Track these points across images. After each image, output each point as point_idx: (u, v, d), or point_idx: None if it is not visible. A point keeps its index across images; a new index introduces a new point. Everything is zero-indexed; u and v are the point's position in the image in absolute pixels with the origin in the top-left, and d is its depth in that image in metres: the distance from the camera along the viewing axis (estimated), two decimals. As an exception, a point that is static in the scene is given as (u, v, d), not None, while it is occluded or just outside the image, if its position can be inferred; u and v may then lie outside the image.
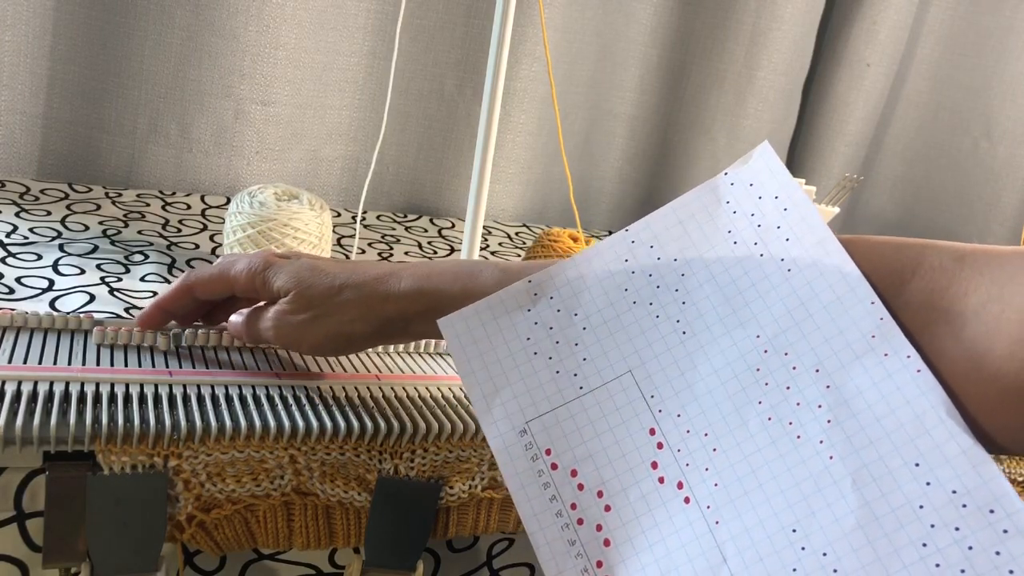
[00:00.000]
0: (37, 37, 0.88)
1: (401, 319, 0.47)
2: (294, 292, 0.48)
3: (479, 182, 0.63)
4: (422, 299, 0.46)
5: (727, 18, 1.15)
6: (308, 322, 0.47)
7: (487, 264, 0.46)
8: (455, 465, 0.49)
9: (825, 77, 1.25)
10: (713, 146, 1.19)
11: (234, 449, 0.44)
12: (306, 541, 0.48)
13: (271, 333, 0.49)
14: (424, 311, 0.46)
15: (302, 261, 0.49)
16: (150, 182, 0.94)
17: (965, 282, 0.36)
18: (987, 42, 1.26)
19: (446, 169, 1.08)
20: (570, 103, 1.11)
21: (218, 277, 0.51)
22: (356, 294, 0.47)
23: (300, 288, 0.48)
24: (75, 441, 0.42)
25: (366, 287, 0.47)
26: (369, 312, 0.47)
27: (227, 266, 0.51)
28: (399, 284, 0.46)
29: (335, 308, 0.47)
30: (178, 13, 0.89)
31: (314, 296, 0.47)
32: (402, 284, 0.46)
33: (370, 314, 0.47)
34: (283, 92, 0.95)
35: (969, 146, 1.30)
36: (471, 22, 1.03)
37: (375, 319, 0.47)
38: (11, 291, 0.61)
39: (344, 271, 0.48)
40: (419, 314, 0.46)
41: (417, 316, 0.46)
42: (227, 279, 0.50)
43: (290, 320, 0.48)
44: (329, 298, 0.47)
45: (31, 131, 0.90)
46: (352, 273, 0.48)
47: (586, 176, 1.19)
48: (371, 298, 0.47)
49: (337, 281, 0.47)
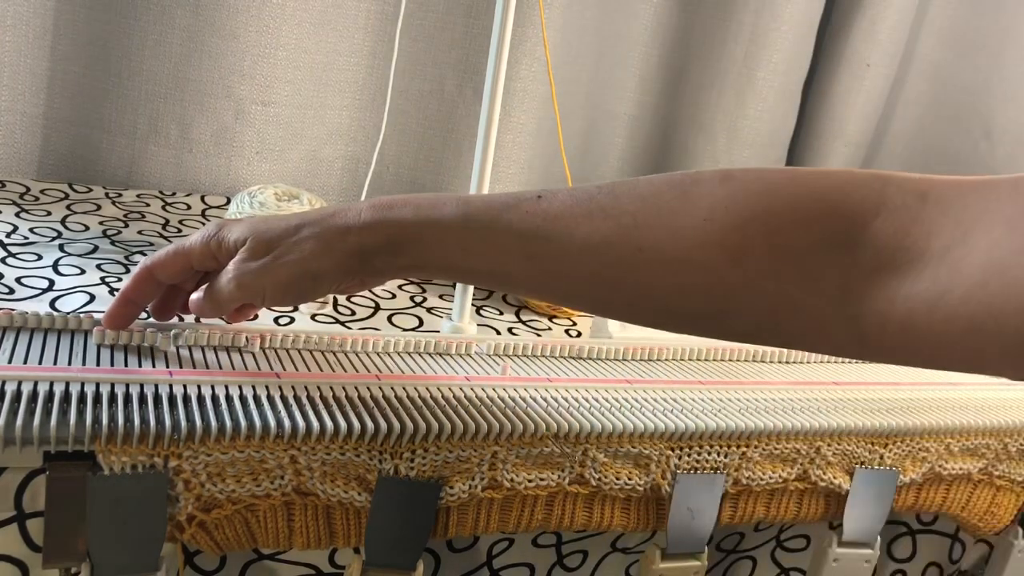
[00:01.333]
0: (37, 37, 0.88)
1: (361, 252, 0.46)
2: (251, 239, 0.47)
3: (479, 182, 0.63)
4: (382, 229, 0.45)
5: (727, 18, 1.14)
6: (268, 265, 0.47)
7: (448, 197, 0.45)
8: (455, 465, 0.49)
9: (825, 77, 1.25)
10: (713, 146, 1.19)
11: (234, 449, 0.44)
12: (306, 541, 0.48)
13: (232, 285, 0.48)
14: (384, 243, 0.45)
15: (255, 218, 0.49)
16: (150, 182, 0.94)
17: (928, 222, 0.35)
18: (987, 42, 1.26)
19: (446, 169, 1.08)
20: (570, 103, 1.11)
21: (174, 253, 0.50)
22: (314, 230, 0.46)
23: (256, 234, 0.47)
24: (75, 441, 0.42)
25: (323, 222, 0.46)
26: (328, 246, 0.46)
27: (181, 241, 0.50)
28: (358, 216, 0.46)
29: (294, 246, 0.46)
30: (178, 13, 0.89)
31: (272, 238, 0.47)
32: (361, 216, 0.46)
33: (329, 248, 0.46)
34: (283, 92, 0.95)
35: (969, 146, 1.30)
36: (471, 22, 1.03)
37: (336, 252, 0.46)
38: (11, 291, 0.61)
39: (299, 215, 0.48)
40: (380, 246, 0.46)
41: (378, 248, 0.46)
42: (183, 252, 0.50)
43: (250, 267, 0.47)
44: (287, 237, 0.47)
45: (31, 131, 0.90)
46: (307, 214, 0.47)
47: (586, 176, 1.19)
48: (329, 231, 0.46)
49: (294, 221, 0.47)
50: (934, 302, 0.34)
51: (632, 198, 0.42)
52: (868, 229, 0.37)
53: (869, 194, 0.37)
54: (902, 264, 0.35)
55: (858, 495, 0.60)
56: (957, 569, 0.75)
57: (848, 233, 0.37)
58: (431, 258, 0.46)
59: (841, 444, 0.59)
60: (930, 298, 0.34)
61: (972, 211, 0.35)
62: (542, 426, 0.51)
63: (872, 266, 0.36)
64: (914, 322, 0.34)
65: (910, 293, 0.35)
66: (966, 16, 1.26)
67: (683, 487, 0.55)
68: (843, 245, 0.37)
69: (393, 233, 0.45)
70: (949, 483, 0.65)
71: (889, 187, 0.37)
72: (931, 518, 0.72)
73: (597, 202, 0.43)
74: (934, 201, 0.36)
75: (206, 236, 0.49)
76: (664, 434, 0.54)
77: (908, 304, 0.35)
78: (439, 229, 0.44)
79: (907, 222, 0.36)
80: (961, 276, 0.33)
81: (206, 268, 0.51)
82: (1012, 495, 0.67)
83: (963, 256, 0.34)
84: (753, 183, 0.40)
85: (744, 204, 0.40)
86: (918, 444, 0.61)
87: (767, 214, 0.39)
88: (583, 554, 0.61)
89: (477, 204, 0.45)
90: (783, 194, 0.39)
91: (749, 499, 0.58)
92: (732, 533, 0.66)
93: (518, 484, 0.51)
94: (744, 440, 0.56)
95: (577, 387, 0.57)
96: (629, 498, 0.55)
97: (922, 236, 0.35)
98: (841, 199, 0.38)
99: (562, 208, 0.43)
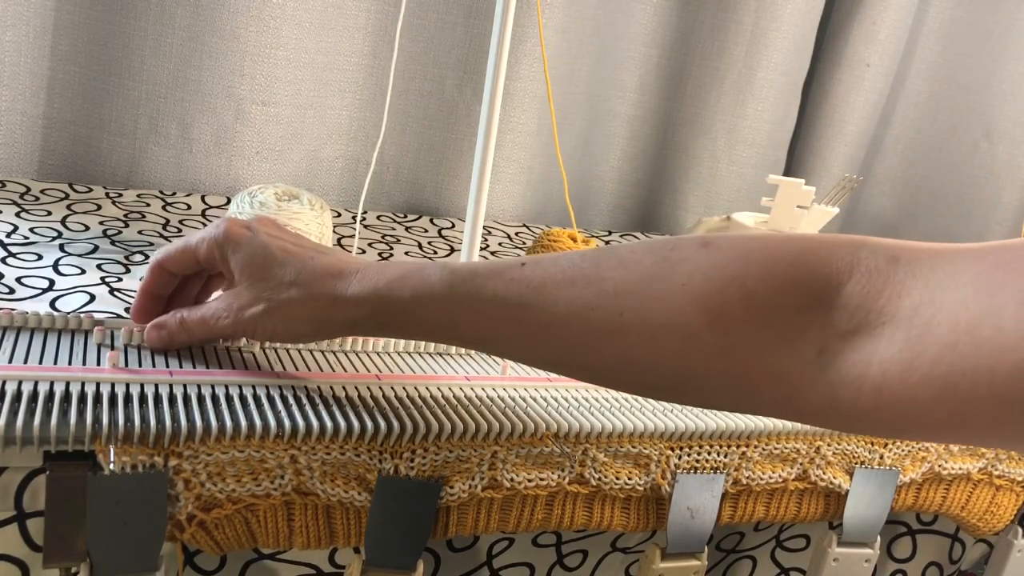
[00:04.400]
0: (37, 37, 0.88)
1: (347, 322, 0.48)
2: (246, 283, 0.49)
3: (479, 182, 0.63)
4: (371, 304, 0.46)
5: (727, 18, 1.15)
6: (257, 317, 0.48)
7: (435, 267, 0.46)
8: (455, 465, 0.49)
9: (825, 77, 1.25)
10: (713, 146, 1.19)
11: (234, 449, 0.45)
12: (306, 541, 0.48)
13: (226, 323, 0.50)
14: (371, 315, 0.47)
15: (258, 241, 0.49)
16: (150, 182, 0.94)
17: (899, 284, 0.36)
18: (987, 42, 1.26)
19: (446, 169, 1.08)
20: (570, 103, 1.11)
21: (183, 249, 0.51)
22: (303, 294, 0.47)
23: (252, 280, 0.48)
24: (75, 441, 0.42)
25: (313, 286, 0.47)
26: (314, 314, 0.48)
27: (190, 237, 0.51)
28: (346, 288, 0.47)
29: (282, 305, 0.48)
30: (178, 13, 0.89)
31: (263, 290, 0.48)
32: (350, 289, 0.47)
33: (316, 316, 0.48)
34: (283, 92, 0.95)
35: (969, 146, 1.30)
36: (471, 22, 1.03)
37: (320, 322, 0.48)
38: (11, 291, 0.61)
39: (295, 262, 0.48)
40: (366, 317, 0.47)
41: (365, 319, 0.47)
42: (190, 250, 0.51)
43: (243, 314, 0.49)
44: (277, 292, 0.48)
45: (31, 131, 0.90)
46: (304, 267, 0.48)
47: (586, 176, 1.19)
48: (318, 299, 0.47)
49: (287, 276, 0.48)
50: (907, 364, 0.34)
51: (612, 265, 0.43)
52: (842, 291, 0.37)
53: (844, 256, 0.38)
54: (875, 326, 0.35)
55: (858, 495, 0.60)
56: (957, 569, 0.75)
57: (823, 295, 0.37)
58: (418, 327, 0.48)
59: (841, 444, 0.59)
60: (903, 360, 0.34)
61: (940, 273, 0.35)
62: (542, 426, 0.51)
63: (847, 328, 0.36)
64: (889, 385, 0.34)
65: (884, 356, 0.35)
66: (966, 16, 1.26)
67: (683, 487, 0.55)
68: (818, 307, 0.37)
69: (380, 308, 0.46)
70: (949, 483, 0.65)
71: (862, 251, 0.38)
72: (931, 518, 0.72)
73: (579, 269, 0.44)
74: (905, 263, 0.36)
75: (212, 240, 0.50)
76: (664, 434, 0.54)
77: (883, 367, 0.35)
78: (426, 302, 0.46)
79: (879, 284, 0.36)
80: (932, 337, 0.33)
81: (212, 271, 0.53)
82: (1012, 495, 0.67)
83: (932, 316, 0.34)
84: (730, 249, 0.41)
85: (722, 269, 0.40)
86: (918, 444, 0.62)
87: (744, 277, 0.39)
88: (583, 554, 0.61)
89: (463, 274, 0.45)
90: (759, 257, 0.40)
91: (749, 499, 0.58)
92: (732, 533, 0.66)
93: (518, 484, 0.51)
94: (744, 440, 0.56)
95: (577, 387, 0.57)
96: (629, 498, 0.55)
97: (894, 297, 0.35)
98: (816, 262, 0.38)
99: (545, 276, 0.44)
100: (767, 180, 0.85)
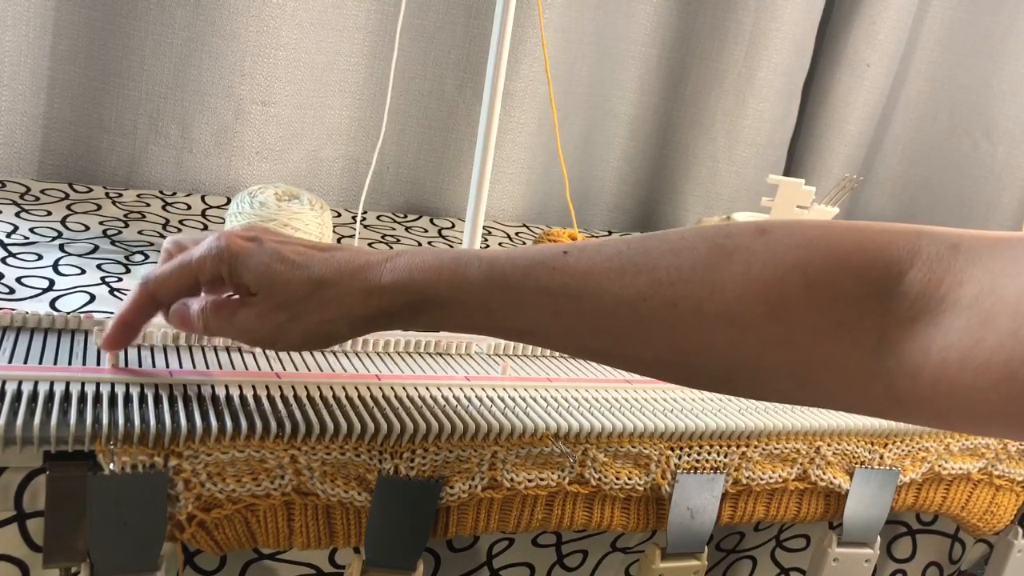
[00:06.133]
0: (37, 37, 0.88)
1: (381, 315, 0.45)
2: (266, 292, 0.44)
3: (479, 182, 0.63)
4: (403, 294, 0.44)
5: (727, 18, 1.15)
6: (284, 326, 0.44)
7: (471, 256, 0.44)
8: (455, 465, 0.49)
9: (825, 77, 1.25)
10: (713, 146, 1.19)
11: (234, 449, 0.45)
12: (306, 541, 0.48)
13: (245, 339, 0.46)
14: (406, 306, 0.44)
15: (269, 249, 0.45)
16: (150, 182, 0.94)
17: (959, 272, 0.35)
18: (987, 42, 1.26)
19: (446, 169, 1.08)
20: (570, 103, 1.11)
21: (179, 272, 0.46)
22: (336, 292, 0.44)
23: (272, 289, 0.44)
24: (75, 441, 0.42)
25: (344, 283, 0.44)
26: (349, 311, 0.44)
27: (186, 258, 0.46)
28: (379, 278, 0.44)
29: (313, 308, 0.44)
30: (178, 13, 0.89)
31: (287, 299, 0.44)
32: (383, 279, 0.44)
33: (349, 312, 0.44)
34: (283, 92, 0.95)
35: (969, 146, 1.30)
36: (471, 22, 1.03)
37: (357, 318, 0.44)
38: (11, 291, 0.61)
39: (318, 262, 0.44)
40: (401, 309, 0.44)
41: (399, 310, 0.44)
42: (190, 271, 0.45)
43: (263, 325, 0.45)
44: (306, 298, 0.44)
45: (31, 131, 0.90)
46: (327, 264, 0.44)
47: (586, 176, 1.19)
48: (351, 295, 0.44)
49: (313, 275, 0.44)
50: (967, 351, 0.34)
51: (663, 252, 0.41)
52: (904, 279, 0.37)
53: (904, 244, 0.37)
54: (936, 314, 0.35)
55: (858, 495, 0.60)
56: (957, 569, 0.75)
57: (885, 283, 0.37)
58: (454, 319, 0.45)
59: (841, 444, 0.59)
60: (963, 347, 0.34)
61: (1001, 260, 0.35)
62: (542, 426, 0.51)
63: (908, 316, 0.36)
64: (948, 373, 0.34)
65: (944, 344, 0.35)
66: (966, 16, 1.26)
67: (683, 487, 0.55)
68: (880, 296, 0.37)
69: (415, 298, 0.44)
70: (949, 483, 0.65)
71: (923, 238, 0.37)
72: (931, 518, 0.72)
73: (627, 257, 0.42)
74: (965, 251, 0.36)
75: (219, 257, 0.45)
76: (664, 434, 0.54)
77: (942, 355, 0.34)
78: (463, 293, 0.43)
79: (940, 272, 0.36)
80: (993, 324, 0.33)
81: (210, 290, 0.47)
82: (1012, 495, 0.67)
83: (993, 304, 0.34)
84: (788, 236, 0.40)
85: (781, 257, 0.39)
86: (918, 444, 0.62)
87: (806, 265, 0.39)
88: (583, 554, 0.61)
89: (502, 263, 0.44)
90: (820, 246, 0.39)
91: (749, 499, 0.58)
92: (732, 533, 0.66)
93: (518, 484, 0.51)
94: (744, 440, 0.56)
95: (577, 387, 0.57)
96: (629, 498, 0.55)
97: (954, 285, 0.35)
98: (877, 250, 0.38)
99: (591, 264, 0.43)
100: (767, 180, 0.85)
